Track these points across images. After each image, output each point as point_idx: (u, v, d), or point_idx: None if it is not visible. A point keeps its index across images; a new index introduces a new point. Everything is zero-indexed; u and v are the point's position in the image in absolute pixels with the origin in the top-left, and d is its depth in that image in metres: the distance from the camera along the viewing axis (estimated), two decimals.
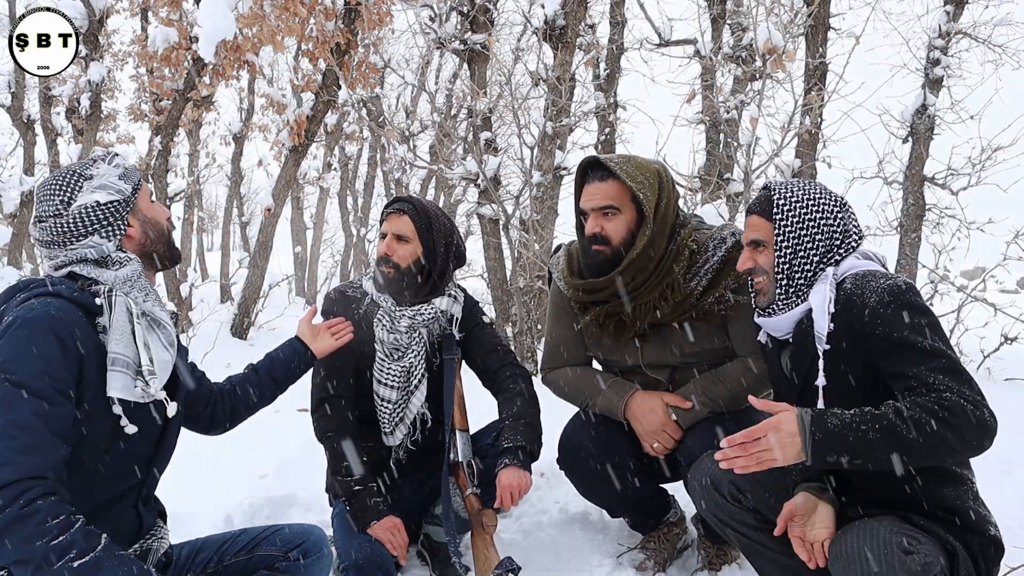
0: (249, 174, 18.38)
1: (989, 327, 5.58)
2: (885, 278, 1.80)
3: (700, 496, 2.10)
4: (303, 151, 8.68)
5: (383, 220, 2.51)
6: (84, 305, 1.60)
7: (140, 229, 1.75)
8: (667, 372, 2.43)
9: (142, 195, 1.77)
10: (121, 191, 1.70)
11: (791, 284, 1.93)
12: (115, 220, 1.69)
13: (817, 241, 1.92)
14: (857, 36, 5.30)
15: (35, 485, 1.41)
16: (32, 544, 1.37)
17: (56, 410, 1.48)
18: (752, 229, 2.01)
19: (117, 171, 1.73)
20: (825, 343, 1.83)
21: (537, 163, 6.10)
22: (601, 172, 2.30)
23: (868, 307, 1.77)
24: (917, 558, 1.61)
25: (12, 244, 9.60)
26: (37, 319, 1.52)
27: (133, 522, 1.73)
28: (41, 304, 1.55)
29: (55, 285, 1.61)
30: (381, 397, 2.46)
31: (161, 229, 1.79)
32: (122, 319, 1.61)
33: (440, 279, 2.49)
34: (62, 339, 1.52)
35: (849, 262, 1.90)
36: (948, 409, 1.59)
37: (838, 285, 1.87)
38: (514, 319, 6.08)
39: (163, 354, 1.67)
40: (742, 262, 2.03)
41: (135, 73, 13.97)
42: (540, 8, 6.11)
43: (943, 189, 6.31)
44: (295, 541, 1.91)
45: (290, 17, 7.39)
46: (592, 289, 2.37)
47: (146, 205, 1.77)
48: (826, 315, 1.83)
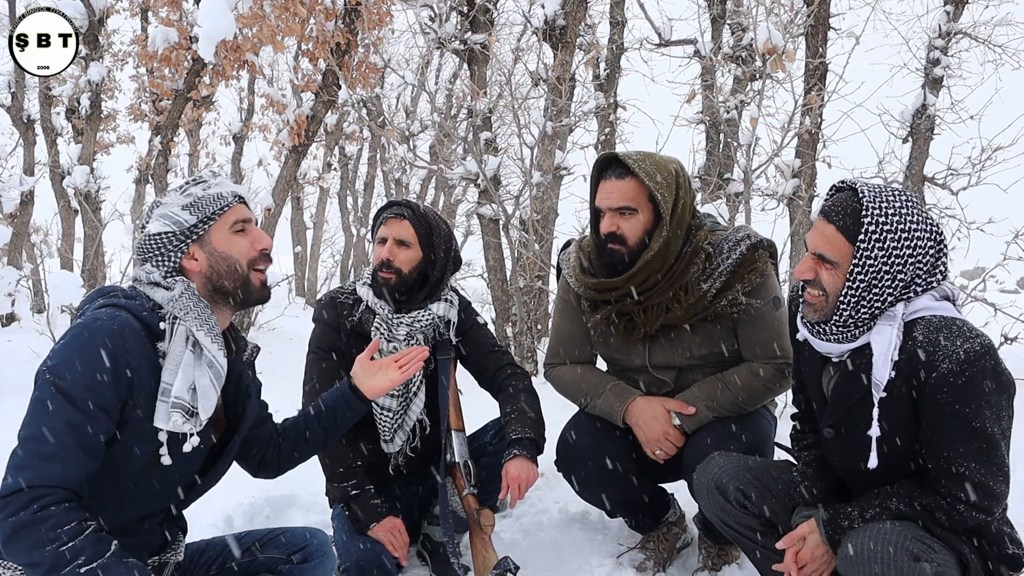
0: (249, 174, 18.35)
1: (989, 327, 5.56)
2: (962, 338, 1.61)
3: (705, 498, 2.09)
4: (303, 151, 8.67)
5: (379, 224, 2.46)
6: (149, 326, 1.60)
7: (206, 263, 1.68)
8: (673, 373, 2.42)
9: (219, 225, 1.68)
10: (179, 223, 1.65)
11: (853, 316, 1.72)
12: (167, 251, 1.66)
13: (899, 280, 1.67)
14: (857, 36, 5.29)
15: (51, 493, 1.43)
16: (42, 549, 1.40)
17: (90, 424, 1.48)
18: (825, 242, 1.72)
19: (184, 200, 1.67)
20: (883, 391, 1.68)
21: (537, 163, 6.10)
22: (619, 169, 2.27)
23: (938, 372, 1.61)
24: (928, 567, 1.59)
25: (12, 244, 9.59)
26: (97, 330, 1.52)
27: (158, 539, 1.75)
28: (108, 316, 1.56)
29: (131, 299, 1.62)
30: (380, 406, 2.43)
31: (233, 265, 1.69)
32: (179, 349, 1.60)
33: (438, 285, 2.47)
34: (116, 356, 1.51)
35: (923, 301, 1.68)
36: (952, 524, 1.68)
37: (906, 328, 1.68)
38: (514, 319, 6.08)
39: (208, 390, 1.63)
40: (802, 271, 1.77)
41: (135, 73, 13.94)
42: (540, 8, 6.11)
43: (943, 189, 6.31)
44: (298, 544, 1.90)
45: (290, 17, 7.38)
46: (605, 288, 2.35)
47: (222, 237, 1.68)
48: (888, 364, 1.66)
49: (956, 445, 1.64)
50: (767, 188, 6.12)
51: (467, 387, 2.63)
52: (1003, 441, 1.65)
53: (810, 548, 1.82)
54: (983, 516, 1.67)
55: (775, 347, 2.31)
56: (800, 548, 1.83)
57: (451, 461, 2.41)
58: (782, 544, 1.85)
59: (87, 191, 8.79)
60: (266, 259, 1.74)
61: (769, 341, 2.31)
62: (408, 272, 2.41)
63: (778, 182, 6.07)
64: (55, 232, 11.75)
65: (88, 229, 9.25)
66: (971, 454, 1.63)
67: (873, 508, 1.74)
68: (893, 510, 1.72)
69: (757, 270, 2.30)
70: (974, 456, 1.63)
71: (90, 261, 8.81)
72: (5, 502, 1.42)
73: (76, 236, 11.13)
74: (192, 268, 1.68)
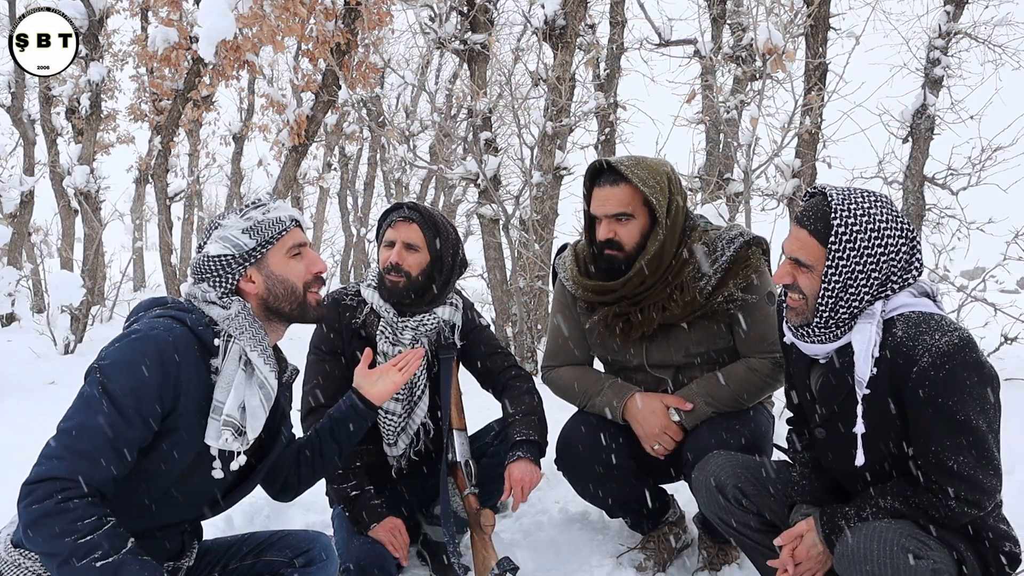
0: (249, 174, 18.34)
1: (989, 327, 5.57)
2: (941, 332, 1.64)
3: (703, 496, 2.10)
4: (303, 151, 8.68)
5: (387, 227, 2.43)
6: (204, 341, 1.62)
7: (264, 285, 1.72)
8: (671, 372, 2.43)
9: (276, 249, 1.72)
10: (239, 246, 1.68)
11: (833, 317, 1.75)
12: (225, 272, 1.69)
13: (873, 278, 1.71)
14: (857, 36, 5.29)
15: (77, 487, 1.45)
16: (61, 540, 1.42)
17: (128, 429, 1.51)
18: (800, 247, 1.77)
19: (245, 223, 1.70)
20: (866, 388, 1.71)
21: (537, 163, 6.10)
22: (612, 176, 2.29)
23: (918, 366, 1.64)
24: (925, 564, 1.60)
25: (12, 244, 9.59)
26: (152, 339, 1.55)
27: (177, 545, 1.77)
28: (164, 326, 1.59)
29: (189, 312, 1.65)
30: (384, 410, 2.42)
31: (291, 288, 1.73)
32: (232, 367, 1.63)
33: (443, 288, 2.46)
34: (166, 366, 1.54)
35: (901, 298, 1.72)
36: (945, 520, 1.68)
37: (886, 325, 1.71)
38: (514, 319, 6.08)
39: (257, 410, 1.66)
40: (779, 276, 1.82)
41: (135, 73, 13.94)
42: (540, 8, 6.11)
43: (943, 189, 6.30)
44: (301, 547, 1.91)
45: (290, 17, 7.38)
46: (602, 290, 2.37)
47: (279, 261, 1.72)
48: (869, 360, 1.69)
49: (942, 440, 1.64)
50: (767, 188, 6.12)
51: (467, 388, 2.63)
52: (991, 435, 1.65)
53: (807, 546, 1.82)
54: (974, 511, 1.66)
55: (771, 342, 2.32)
56: (797, 545, 1.83)
57: (453, 460, 2.41)
58: (779, 541, 1.86)
59: (87, 191, 8.79)
60: (320, 282, 1.78)
61: (765, 336, 2.33)
62: (416, 276, 2.40)
63: (778, 182, 6.06)
64: (55, 232, 11.77)
65: (88, 229, 9.25)
66: (958, 448, 1.63)
67: (869, 507, 1.74)
68: (888, 508, 1.72)
69: (751, 266, 2.33)
70: (961, 450, 1.63)
71: (90, 261, 8.81)
72: (31, 488, 1.45)
73: (76, 236, 11.13)
74: (249, 290, 1.71)
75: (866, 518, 1.73)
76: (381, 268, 2.44)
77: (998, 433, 1.68)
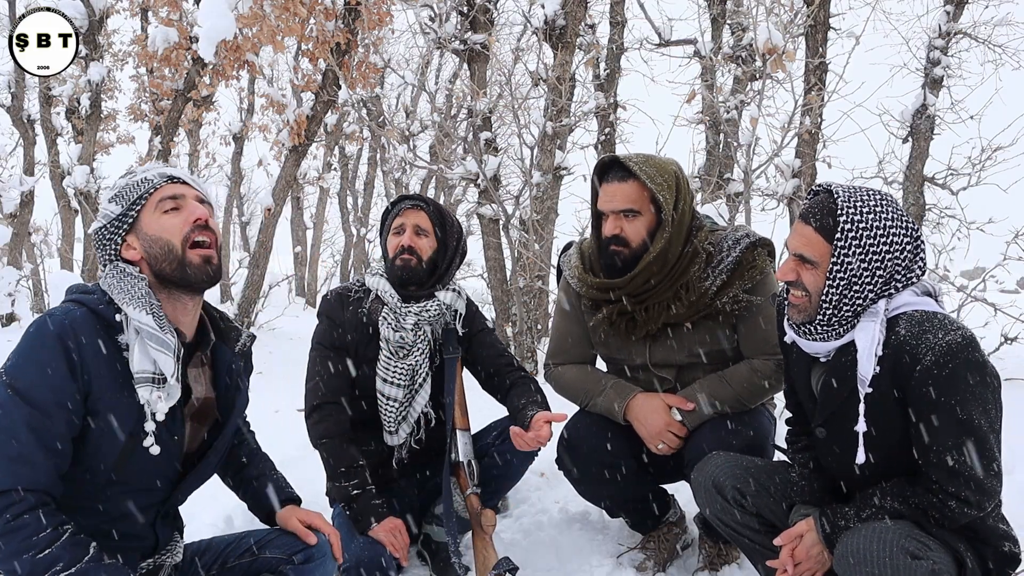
0: (249, 174, 18.38)
1: (989, 327, 5.57)
2: (944, 331, 1.64)
3: (703, 497, 2.10)
4: (303, 151, 8.68)
5: (395, 215, 2.51)
6: (105, 318, 1.58)
7: (142, 249, 1.65)
8: (674, 372, 2.43)
9: (147, 209, 1.65)
10: (107, 215, 1.66)
11: (836, 314, 1.75)
12: (103, 245, 1.66)
13: (877, 276, 1.71)
14: (857, 36, 5.29)
15: (25, 497, 1.42)
16: (18, 558, 1.39)
17: (50, 422, 1.47)
18: (804, 243, 1.77)
19: (111, 193, 1.67)
20: (868, 386, 1.71)
21: (537, 163, 6.10)
22: (621, 172, 2.29)
23: (921, 365, 1.63)
24: (925, 564, 1.59)
25: (12, 244, 9.59)
26: (49, 328, 1.51)
27: (150, 540, 1.73)
28: (62, 312, 1.55)
29: (90, 294, 1.61)
30: (385, 395, 2.45)
31: (166, 246, 1.63)
32: (133, 336, 1.59)
33: (445, 274, 2.53)
34: (68, 352, 1.50)
35: (904, 297, 1.72)
36: (945, 521, 1.67)
37: (889, 323, 1.71)
38: (514, 319, 6.09)
39: (160, 356, 1.58)
40: (783, 272, 1.81)
41: (135, 73, 13.96)
42: (540, 8, 6.11)
43: (943, 189, 6.31)
44: (299, 545, 1.90)
45: (290, 17, 7.38)
46: (607, 288, 2.37)
47: (150, 220, 1.64)
48: (872, 359, 1.69)
49: (944, 439, 1.64)
50: (767, 188, 6.13)
51: (469, 388, 2.63)
52: (992, 435, 1.64)
53: (806, 546, 1.82)
54: (974, 512, 1.66)
55: (775, 343, 2.32)
56: (796, 545, 1.83)
57: (455, 460, 2.42)
58: (779, 541, 1.86)
59: (87, 191, 8.79)
60: (204, 231, 1.65)
61: (769, 338, 2.32)
62: (427, 258, 2.48)
63: (778, 182, 6.07)
64: (55, 232, 11.75)
65: (88, 229, 9.25)
66: (959, 448, 1.63)
67: (869, 507, 1.74)
68: (888, 509, 1.72)
69: (757, 267, 2.32)
70: (962, 450, 1.63)
71: (90, 261, 8.80)
72: None
73: (76, 236, 11.14)
74: (133, 258, 1.65)
75: (866, 518, 1.73)
76: (392, 253, 2.49)
77: (999, 434, 1.67)
